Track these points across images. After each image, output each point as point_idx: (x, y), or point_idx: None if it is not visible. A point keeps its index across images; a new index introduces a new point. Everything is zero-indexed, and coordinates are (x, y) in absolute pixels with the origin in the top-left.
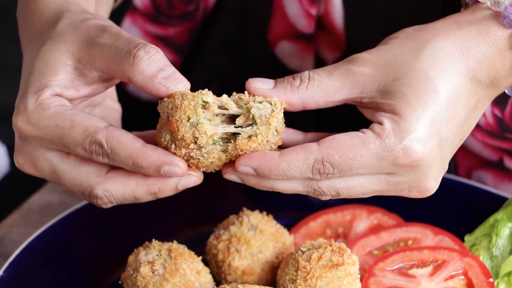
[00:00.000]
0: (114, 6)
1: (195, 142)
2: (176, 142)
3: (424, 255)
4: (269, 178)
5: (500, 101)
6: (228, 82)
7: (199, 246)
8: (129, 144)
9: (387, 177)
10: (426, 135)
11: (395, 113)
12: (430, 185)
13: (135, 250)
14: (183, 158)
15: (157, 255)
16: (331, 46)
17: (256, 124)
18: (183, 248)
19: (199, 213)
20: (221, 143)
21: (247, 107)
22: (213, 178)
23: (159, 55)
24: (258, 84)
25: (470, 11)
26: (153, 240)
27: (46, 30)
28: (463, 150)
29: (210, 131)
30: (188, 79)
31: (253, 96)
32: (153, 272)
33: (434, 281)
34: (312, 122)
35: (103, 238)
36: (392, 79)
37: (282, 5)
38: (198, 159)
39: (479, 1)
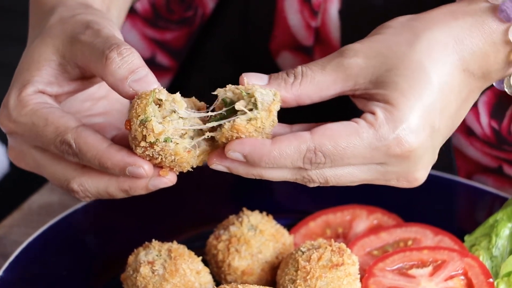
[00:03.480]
0: None
1: (145, 140)
2: (133, 141)
3: (424, 255)
4: (259, 166)
5: (498, 114)
6: None
7: (199, 246)
8: (95, 145)
9: (377, 166)
10: (419, 126)
11: (388, 102)
12: (419, 175)
13: (135, 250)
14: (144, 158)
15: (157, 255)
16: None
17: (257, 108)
18: (183, 248)
19: (199, 213)
20: (178, 138)
21: (249, 93)
22: (213, 178)
23: (132, 56)
24: (252, 79)
25: (467, 2)
26: (153, 240)
27: (40, 24)
28: (462, 156)
29: (158, 128)
30: (186, 85)
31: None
32: (153, 272)
33: (434, 281)
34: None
35: (103, 238)
36: (385, 70)
37: (285, 15)
38: (157, 158)
39: None
